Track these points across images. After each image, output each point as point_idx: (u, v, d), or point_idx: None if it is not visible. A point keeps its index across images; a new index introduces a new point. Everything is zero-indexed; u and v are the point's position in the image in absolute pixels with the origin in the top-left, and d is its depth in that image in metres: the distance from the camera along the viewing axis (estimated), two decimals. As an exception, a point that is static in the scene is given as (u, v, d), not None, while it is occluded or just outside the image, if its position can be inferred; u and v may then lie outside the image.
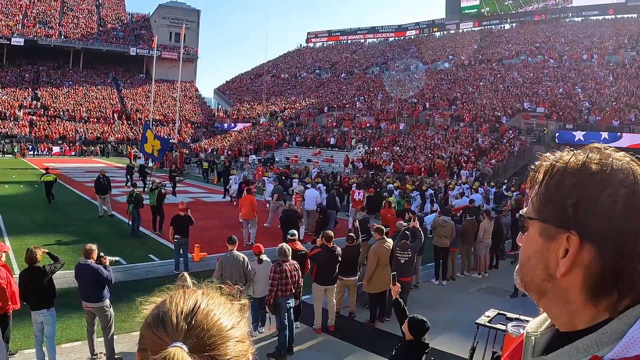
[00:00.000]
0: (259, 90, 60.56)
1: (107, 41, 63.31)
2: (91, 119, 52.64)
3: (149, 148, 18.07)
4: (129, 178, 23.06)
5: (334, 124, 43.68)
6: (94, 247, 6.55)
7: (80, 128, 50.45)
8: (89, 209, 17.52)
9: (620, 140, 26.49)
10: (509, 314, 6.07)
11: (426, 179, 25.55)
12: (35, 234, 13.14)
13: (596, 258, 0.74)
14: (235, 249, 7.58)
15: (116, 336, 6.71)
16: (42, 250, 6.34)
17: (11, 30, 56.71)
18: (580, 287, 0.77)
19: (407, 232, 8.59)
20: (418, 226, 9.11)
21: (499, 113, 34.79)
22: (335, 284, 8.11)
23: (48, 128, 48.83)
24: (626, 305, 0.75)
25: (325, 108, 48.60)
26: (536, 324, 0.91)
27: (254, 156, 38.61)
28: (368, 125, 40.60)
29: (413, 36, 65.10)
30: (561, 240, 0.78)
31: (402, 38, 65.76)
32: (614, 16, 48.05)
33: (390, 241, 8.49)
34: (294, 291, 7.10)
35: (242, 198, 14.07)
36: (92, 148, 47.76)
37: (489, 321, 6.00)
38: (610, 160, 0.77)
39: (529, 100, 35.46)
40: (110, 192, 16.71)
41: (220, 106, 68.08)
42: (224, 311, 0.82)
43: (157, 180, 15.99)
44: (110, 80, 62.81)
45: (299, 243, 8.40)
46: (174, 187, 22.09)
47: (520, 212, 0.87)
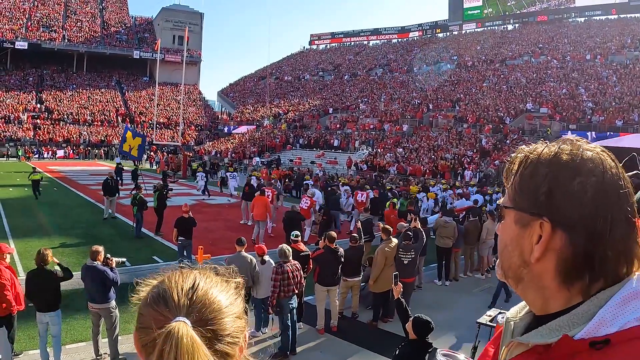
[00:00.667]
0: (262, 93, 60.74)
1: (111, 44, 63.62)
2: (95, 122, 52.90)
3: (127, 147, 18.57)
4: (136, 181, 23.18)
5: (338, 125, 43.76)
6: (101, 249, 6.52)
7: (84, 131, 50.69)
8: (93, 211, 17.61)
9: (620, 140, 26.40)
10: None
11: (429, 180, 25.55)
12: (39, 236, 13.18)
13: (568, 243, 0.78)
14: (243, 250, 7.62)
15: (120, 337, 6.75)
16: (54, 259, 6.33)
17: (15, 34, 57.03)
18: (553, 272, 0.81)
19: (409, 233, 8.61)
20: (419, 227, 9.14)
21: (502, 114, 34.76)
22: (339, 285, 8.14)
23: (52, 131, 49.04)
24: (598, 288, 0.79)
25: (329, 110, 48.69)
26: (516, 310, 0.95)
27: (257, 158, 38.72)
28: (371, 126, 40.65)
29: (416, 37, 65.13)
30: (535, 227, 0.81)
31: (405, 39, 65.82)
32: (616, 16, 47.96)
33: (395, 241, 8.53)
34: (296, 291, 7.13)
35: (255, 199, 14.23)
36: (96, 151, 47.95)
37: (490, 320, 6.02)
38: (580, 150, 0.81)
39: (532, 101, 35.40)
40: (119, 195, 16.92)
41: (223, 109, 68.25)
42: (222, 289, 0.85)
43: (161, 183, 16.12)
44: (114, 83, 63.03)
45: (302, 244, 8.43)
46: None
47: (497, 202, 0.91)
